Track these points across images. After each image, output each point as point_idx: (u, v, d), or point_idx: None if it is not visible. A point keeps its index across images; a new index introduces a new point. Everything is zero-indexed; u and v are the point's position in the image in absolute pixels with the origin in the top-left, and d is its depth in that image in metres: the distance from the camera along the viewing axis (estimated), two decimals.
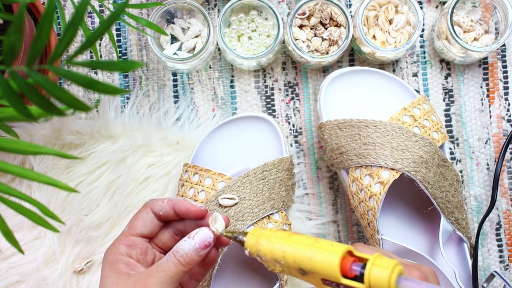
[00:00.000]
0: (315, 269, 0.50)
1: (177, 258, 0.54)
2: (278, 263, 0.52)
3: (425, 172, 0.69)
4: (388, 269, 0.48)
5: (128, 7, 0.63)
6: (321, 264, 0.50)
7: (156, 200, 0.58)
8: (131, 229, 0.56)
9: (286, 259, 0.52)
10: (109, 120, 0.78)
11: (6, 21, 0.71)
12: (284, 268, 0.52)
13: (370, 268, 0.49)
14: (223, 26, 0.76)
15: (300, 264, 0.51)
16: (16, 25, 0.38)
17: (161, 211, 0.57)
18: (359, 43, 0.75)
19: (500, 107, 0.81)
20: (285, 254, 0.52)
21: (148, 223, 0.57)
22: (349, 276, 0.49)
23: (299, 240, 0.52)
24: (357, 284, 0.49)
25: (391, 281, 0.48)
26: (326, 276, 0.50)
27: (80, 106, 0.40)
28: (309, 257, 0.51)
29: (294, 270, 0.52)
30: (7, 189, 0.45)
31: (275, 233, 0.53)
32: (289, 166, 0.74)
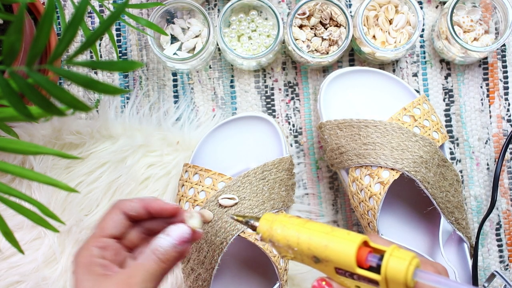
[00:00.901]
0: (330, 257, 0.49)
1: (157, 255, 0.54)
2: (291, 249, 0.51)
3: (425, 172, 0.69)
4: (406, 260, 0.47)
5: (128, 7, 0.63)
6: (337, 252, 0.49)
7: (125, 200, 0.57)
8: (102, 231, 0.55)
9: (300, 245, 0.51)
10: (109, 120, 0.78)
11: (6, 21, 0.71)
12: (296, 255, 0.51)
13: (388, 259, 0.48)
14: (223, 26, 0.76)
15: (314, 251, 0.50)
16: (16, 25, 0.38)
17: (132, 211, 0.57)
18: (359, 43, 0.75)
19: (500, 107, 0.81)
20: (300, 241, 0.51)
21: (118, 224, 0.56)
22: (363, 266, 0.49)
23: (315, 227, 0.51)
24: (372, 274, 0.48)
25: (408, 273, 0.47)
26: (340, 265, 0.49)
27: (80, 106, 0.40)
28: (324, 245, 0.50)
29: (307, 257, 0.51)
30: (7, 189, 0.45)
31: (289, 219, 0.52)
32: (289, 166, 0.74)
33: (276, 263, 0.69)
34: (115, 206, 0.57)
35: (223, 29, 0.76)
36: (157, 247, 0.54)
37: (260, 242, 0.68)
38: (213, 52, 0.78)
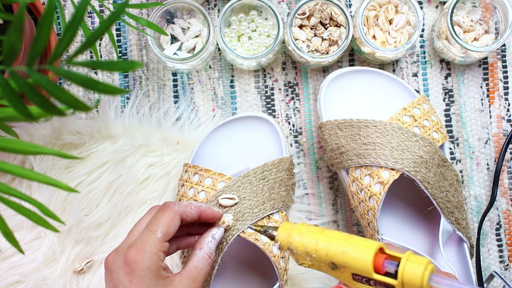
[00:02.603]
0: (348, 263, 0.51)
1: (212, 260, 0.61)
2: (309, 256, 0.53)
3: (425, 172, 0.69)
4: (422, 265, 0.49)
5: (128, 7, 0.63)
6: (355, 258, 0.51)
7: (183, 206, 0.60)
8: (166, 237, 0.58)
9: (318, 252, 0.52)
10: (109, 120, 0.78)
11: (6, 21, 0.71)
12: (314, 262, 0.53)
13: (405, 263, 0.49)
14: (223, 26, 0.76)
15: (332, 258, 0.52)
16: (16, 25, 0.38)
17: (190, 218, 0.61)
18: (359, 43, 0.75)
19: (500, 107, 0.81)
20: (318, 248, 0.52)
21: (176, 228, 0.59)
22: (380, 272, 0.50)
23: (333, 234, 0.53)
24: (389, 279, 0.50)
25: (424, 277, 0.49)
26: (358, 270, 0.51)
27: (80, 106, 0.40)
28: (342, 251, 0.51)
29: (325, 264, 0.52)
30: (7, 189, 0.45)
31: (307, 228, 0.54)
32: (289, 166, 0.74)
33: (276, 263, 0.69)
34: (176, 212, 0.59)
35: (223, 29, 0.76)
36: (211, 251, 0.61)
37: (260, 243, 0.68)
38: (213, 52, 0.78)
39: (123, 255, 0.56)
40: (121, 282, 0.55)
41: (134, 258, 0.56)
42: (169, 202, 0.60)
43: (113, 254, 0.57)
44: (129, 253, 0.56)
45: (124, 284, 0.55)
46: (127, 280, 0.55)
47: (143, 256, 0.55)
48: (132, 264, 0.55)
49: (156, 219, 0.58)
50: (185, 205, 0.60)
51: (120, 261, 0.56)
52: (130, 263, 0.55)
